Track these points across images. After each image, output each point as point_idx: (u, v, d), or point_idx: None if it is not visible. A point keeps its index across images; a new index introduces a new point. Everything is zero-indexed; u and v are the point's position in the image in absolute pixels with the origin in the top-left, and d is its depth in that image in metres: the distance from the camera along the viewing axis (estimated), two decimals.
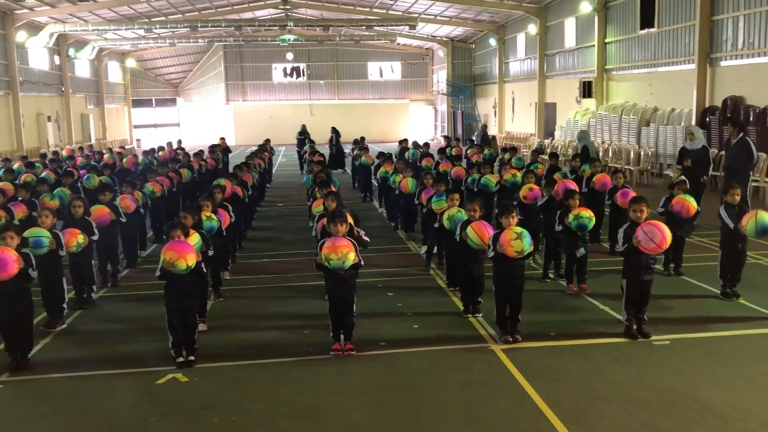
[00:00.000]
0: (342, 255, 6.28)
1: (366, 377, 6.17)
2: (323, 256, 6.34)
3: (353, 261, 6.38)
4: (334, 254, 6.28)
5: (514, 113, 36.04)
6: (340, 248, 6.29)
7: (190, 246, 6.42)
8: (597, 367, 6.22)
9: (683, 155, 12.41)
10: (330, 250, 6.30)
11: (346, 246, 6.34)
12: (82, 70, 38.09)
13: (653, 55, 22.88)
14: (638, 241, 6.55)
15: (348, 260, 6.32)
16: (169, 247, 6.29)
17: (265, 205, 17.92)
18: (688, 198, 8.82)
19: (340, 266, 6.34)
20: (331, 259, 6.31)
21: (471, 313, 7.78)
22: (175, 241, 6.41)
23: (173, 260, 6.19)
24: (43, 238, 7.18)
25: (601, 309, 7.97)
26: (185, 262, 6.21)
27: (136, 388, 6.04)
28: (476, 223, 7.38)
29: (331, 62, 48.16)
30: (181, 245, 6.32)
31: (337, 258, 6.28)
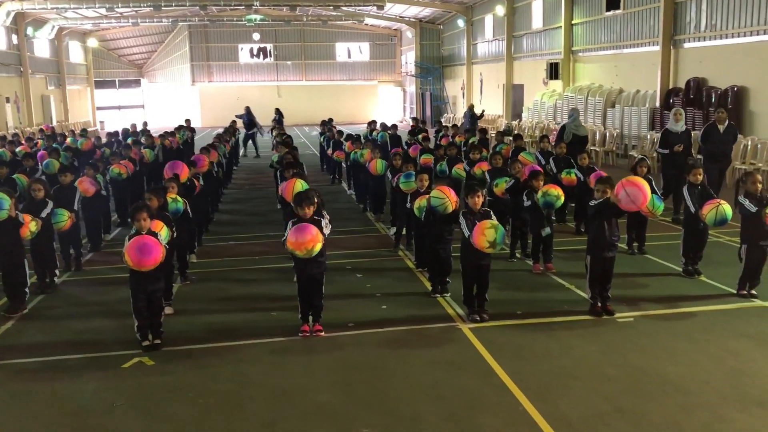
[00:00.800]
0: (308, 251, 6.22)
1: (334, 358, 6.17)
2: (289, 249, 6.28)
3: (319, 249, 6.32)
4: (299, 251, 6.22)
5: (482, 95, 36.13)
6: (304, 245, 6.16)
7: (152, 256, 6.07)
8: (562, 345, 6.32)
9: (667, 138, 11.88)
10: (295, 246, 6.21)
11: (311, 240, 6.18)
12: (42, 50, 37.08)
13: (619, 37, 23.10)
14: (618, 200, 6.59)
15: (315, 251, 6.27)
16: (131, 253, 6.01)
17: (232, 187, 17.74)
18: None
19: (307, 257, 6.31)
20: (296, 254, 6.28)
21: (439, 293, 7.82)
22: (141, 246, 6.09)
23: (130, 266, 6.08)
24: (2, 200, 6.98)
25: (567, 287, 8.08)
26: (142, 270, 6.10)
27: (101, 373, 5.96)
28: (438, 186, 7.46)
29: (298, 43, 47.65)
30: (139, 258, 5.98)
31: (302, 254, 6.24)
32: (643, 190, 6.50)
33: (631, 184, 6.52)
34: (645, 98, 21.14)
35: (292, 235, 6.22)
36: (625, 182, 6.56)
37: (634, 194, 6.49)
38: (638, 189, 6.50)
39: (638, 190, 6.49)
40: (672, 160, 11.66)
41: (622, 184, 6.55)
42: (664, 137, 12.00)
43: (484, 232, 6.50)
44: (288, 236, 6.26)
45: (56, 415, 5.22)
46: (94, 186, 10.16)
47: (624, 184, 6.55)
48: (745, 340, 6.31)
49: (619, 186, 6.57)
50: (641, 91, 21.57)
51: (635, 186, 6.51)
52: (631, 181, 6.58)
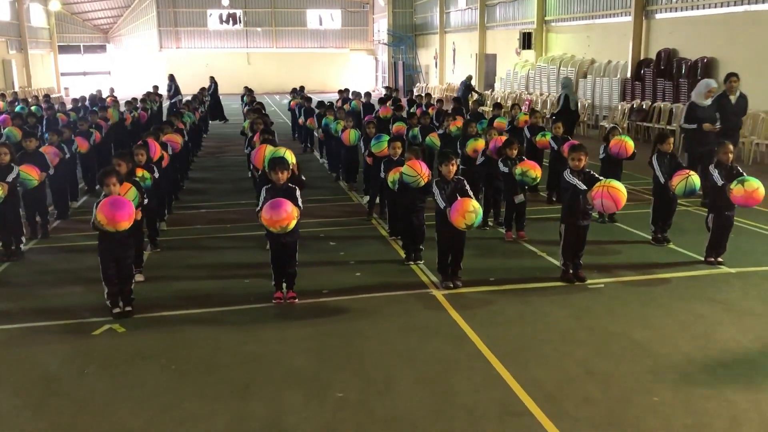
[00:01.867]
0: (282, 228, 6.11)
1: (308, 324, 6.16)
2: (264, 224, 6.20)
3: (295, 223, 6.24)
4: (273, 228, 6.12)
5: (455, 64, 35.99)
6: (279, 222, 6.05)
7: (125, 213, 5.96)
8: (534, 310, 6.39)
9: (695, 113, 10.50)
10: (269, 224, 6.10)
11: (286, 218, 6.07)
12: (1, 12, 35.83)
13: (591, 7, 23.10)
14: (592, 206, 6.65)
15: (290, 227, 6.17)
16: (104, 210, 5.91)
17: (201, 155, 17.49)
18: (625, 138, 9.09)
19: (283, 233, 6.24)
20: (271, 230, 6.18)
21: (413, 261, 7.83)
22: (111, 200, 6.01)
23: (102, 224, 5.94)
24: None
25: (539, 255, 8.15)
26: (114, 229, 5.95)
27: (70, 340, 5.87)
28: (410, 161, 7.41)
29: (268, 9, 46.80)
30: (113, 213, 5.89)
31: (277, 231, 6.15)
32: (618, 204, 6.54)
33: (609, 197, 6.47)
34: (617, 69, 21.25)
35: (267, 212, 6.12)
36: (605, 193, 6.50)
37: (608, 207, 6.59)
38: (613, 203, 6.50)
39: (612, 204, 6.52)
40: (699, 137, 10.32)
41: (601, 194, 6.51)
42: (690, 111, 10.66)
43: (464, 215, 6.45)
44: (263, 213, 6.17)
45: (24, 381, 5.13)
46: (58, 156, 9.90)
47: (603, 194, 6.50)
48: (712, 304, 6.45)
49: (598, 193, 6.53)
50: (613, 62, 21.67)
51: (612, 200, 6.48)
52: (611, 193, 6.48)
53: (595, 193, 6.58)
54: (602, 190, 6.55)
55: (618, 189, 6.55)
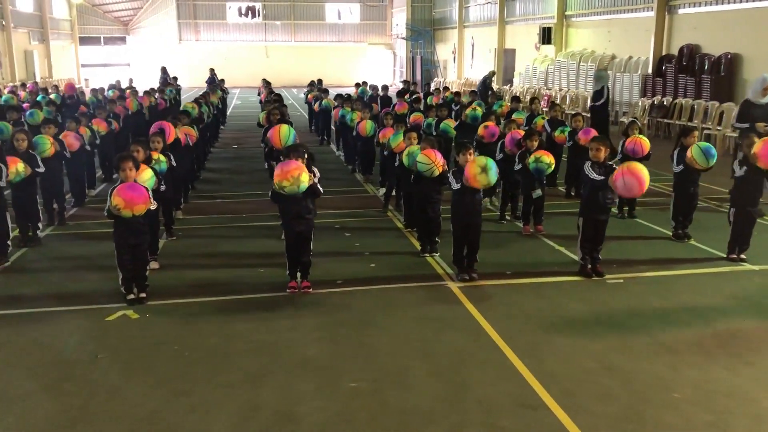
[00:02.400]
0: (294, 179, 6.04)
1: (322, 314, 6.11)
2: (276, 184, 6.16)
3: (308, 182, 6.16)
4: (286, 180, 6.04)
5: (473, 59, 35.76)
6: (290, 172, 6.02)
7: (141, 195, 5.97)
8: (552, 304, 6.29)
9: (749, 112, 10.15)
10: (281, 177, 6.05)
11: (296, 168, 6.06)
12: (24, 3, 36.10)
13: (613, 2, 22.81)
14: (615, 186, 6.51)
15: (302, 182, 6.09)
16: (119, 193, 5.91)
17: (219, 147, 17.51)
18: (641, 137, 8.91)
19: (295, 191, 6.14)
20: (284, 186, 6.09)
21: (428, 253, 7.76)
22: (127, 185, 6.03)
23: (120, 207, 5.91)
24: None
25: (557, 249, 8.04)
26: (131, 212, 5.94)
27: (84, 325, 5.87)
28: (425, 150, 7.34)
29: (287, 2, 46.76)
30: (130, 194, 5.90)
31: (290, 183, 6.05)
32: (641, 181, 6.34)
33: (631, 174, 6.32)
34: (637, 65, 20.97)
35: (278, 168, 6.11)
36: (625, 171, 6.36)
37: (631, 184, 6.37)
38: (636, 180, 6.33)
39: (636, 181, 6.34)
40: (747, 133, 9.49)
41: (622, 172, 6.38)
42: (744, 110, 10.33)
43: (477, 179, 6.46)
44: (275, 172, 6.14)
45: (38, 364, 5.13)
46: (78, 140, 9.95)
47: (624, 172, 6.37)
48: (734, 302, 6.31)
49: (619, 173, 6.41)
50: (634, 58, 21.39)
51: (634, 176, 6.33)
52: (632, 170, 6.36)
53: (615, 175, 6.46)
54: (622, 169, 6.43)
55: (638, 166, 6.44)
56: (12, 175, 7.46)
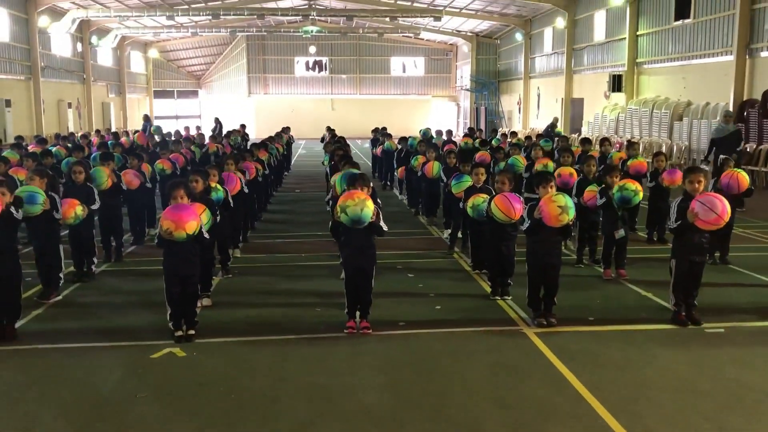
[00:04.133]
0: (359, 200, 5.62)
1: (383, 357, 5.52)
2: (339, 207, 5.71)
3: (372, 213, 5.71)
4: (351, 200, 5.63)
5: (539, 109, 35.18)
6: (356, 194, 5.68)
7: (190, 212, 5.69)
8: (644, 354, 5.51)
9: None
10: (346, 197, 5.69)
11: (362, 193, 5.73)
12: (105, 58, 37.90)
13: (688, 47, 21.98)
14: (695, 215, 5.78)
15: (367, 208, 5.66)
16: (167, 215, 5.62)
17: (282, 191, 17.37)
18: (739, 171, 8.05)
19: (358, 216, 5.66)
20: (347, 207, 5.64)
21: (500, 296, 7.10)
22: (176, 206, 5.76)
23: (170, 230, 5.56)
24: (37, 194, 6.58)
25: (644, 295, 7.24)
26: (184, 232, 5.58)
27: (127, 362, 5.45)
28: (498, 197, 6.75)
29: (353, 57, 47.59)
30: (178, 213, 5.61)
31: (354, 204, 5.62)
32: (718, 197, 5.85)
33: (705, 195, 5.95)
34: (716, 111, 19.95)
35: (343, 195, 5.74)
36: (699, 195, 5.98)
37: (710, 202, 5.76)
38: (713, 197, 5.86)
39: (714, 198, 5.83)
40: None
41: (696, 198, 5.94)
42: None
43: (551, 199, 5.89)
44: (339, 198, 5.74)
45: (72, 401, 4.71)
46: (139, 178, 9.79)
47: (698, 196, 5.95)
48: None
49: (693, 201, 5.91)
50: (711, 104, 20.39)
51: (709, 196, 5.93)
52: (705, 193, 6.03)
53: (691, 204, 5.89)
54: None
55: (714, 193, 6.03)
56: (71, 219, 7.27)
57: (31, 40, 28.01)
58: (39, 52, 28.38)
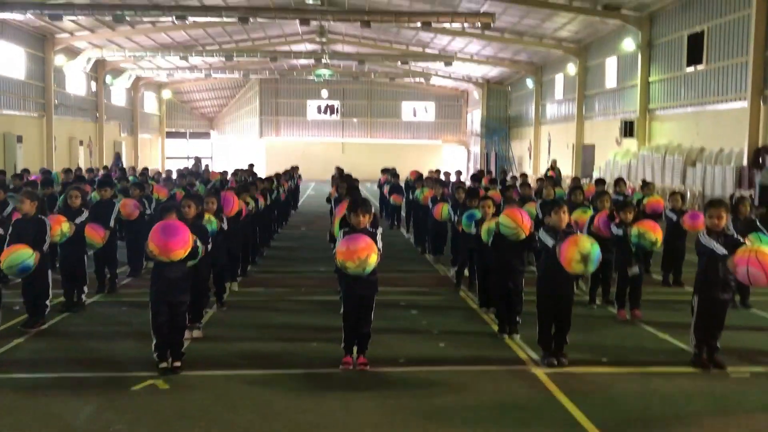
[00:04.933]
0: (361, 261, 5.25)
1: (380, 395, 5.12)
2: (339, 263, 5.37)
3: (375, 263, 5.37)
4: (351, 261, 5.26)
5: (549, 155, 35.01)
6: (357, 253, 5.25)
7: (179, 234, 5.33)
8: (664, 399, 5.08)
9: None
10: (345, 257, 5.28)
11: (364, 249, 5.28)
12: (118, 98, 38.30)
13: (700, 94, 21.80)
14: (735, 272, 5.34)
15: (369, 265, 5.31)
16: (153, 236, 5.29)
17: (288, 229, 17.10)
18: None
19: (360, 273, 5.35)
20: (347, 267, 5.31)
21: (507, 334, 6.69)
22: (162, 224, 5.43)
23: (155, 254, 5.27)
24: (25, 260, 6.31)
25: (661, 337, 6.81)
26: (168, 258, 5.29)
27: (106, 393, 5.08)
28: (507, 209, 6.47)
29: (365, 101, 47.95)
30: (165, 238, 5.26)
31: (355, 266, 5.27)
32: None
33: (758, 266, 5.14)
34: (730, 157, 19.66)
35: (344, 245, 5.31)
36: (752, 259, 5.17)
37: (756, 278, 5.20)
38: (764, 274, 5.15)
39: (763, 275, 5.15)
40: None
41: (747, 260, 5.18)
42: None
43: (577, 242, 5.42)
44: (338, 246, 5.36)
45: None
46: (138, 208, 9.53)
47: (750, 261, 5.17)
48: None
49: (743, 259, 5.22)
50: (725, 150, 20.10)
51: (762, 269, 5.14)
52: (761, 259, 5.15)
53: (738, 259, 5.27)
54: (749, 255, 5.21)
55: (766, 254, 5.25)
56: (57, 237, 7.00)
57: (46, 79, 28.35)
58: (53, 90, 28.68)
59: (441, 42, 33.96)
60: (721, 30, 20.48)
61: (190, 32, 30.88)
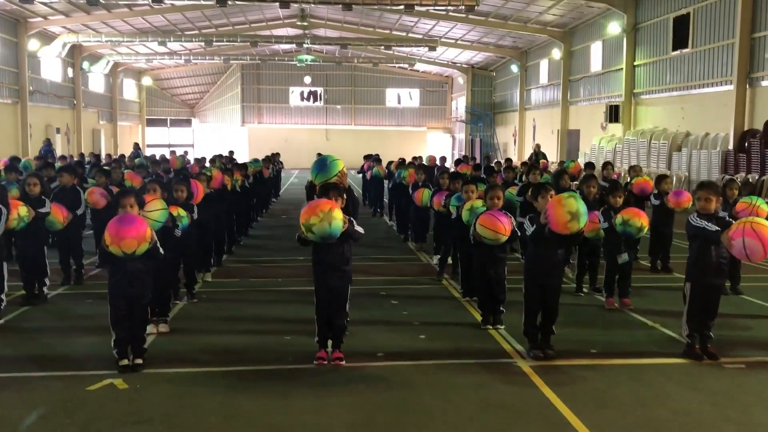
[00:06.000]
0: (324, 214, 4.87)
1: (355, 393, 4.78)
2: (303, 225, 5.00)
3: (343, 224, 5.00)
4: (315, 216, 4.88)
5: (534, 141, 34.75)
6: (320, 206, 4.90)
7: (138, 227, 4.96)
8: (656, 392, 4.79)
9: None
10: (309, 213, 4.91)
11: (326, 203, 4.96)
12: (96, 85, 37.47)
13: (686, 78, 21.59)
14: (731, 245, 5.04)
15: (335, 220, 4.91)
16: (110, 228, 4.92)
17: (268, 216, 16.69)
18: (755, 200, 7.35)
19: (327, 233, 4.94)
20: (312, 225, 4.91)
21: (491, 325, 6.38)
22: (119, 216, 5.06)
23: (107, 244, 4.87)
24: None
25: (651, 326, 6.53)
26: (120, 249, 4.89)
27: (58, 394, 4.70)
28: (483, 216, 6.10)
29: (348, 87, 47.39)
30: (119, 226, 4.91)
31: (319, 220, 4.87)
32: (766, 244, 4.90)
33: (755, 236, 4.89)
34: (716, 141, 19.47)
35: (305, 207, 5.01)
36: (748, 229, 4.93)
37: (753, 250, 4.92)
38: (761, 244, 4.89)
39: (760, 246, 4.89)
40: None
41: (743, 231, 4.92)
42: None
43: (561, 202, 5.14)
44: (301, 212, 5.02)
45: None
46: (105, 197, 9.07)
47: (746, 231, 4.92)
48: None
49: (738, 231, 4.96)
50: (711, 134, 19.91)
51: (758, 239, 4.88)
52: (757, 229, 4.92)
53: (733, 233, 4.99)
54: (744, 226, 4.96)
55: (764, 224, 4.98)
56: (14, 222, 6.57)
57: (20, 64, 27.56)
58: (28, 76, 27.91)
59: (425, 27, 33.50)
60: (707, 12, 20.24)
61: (168, 16, 30.15)
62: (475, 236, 6.17)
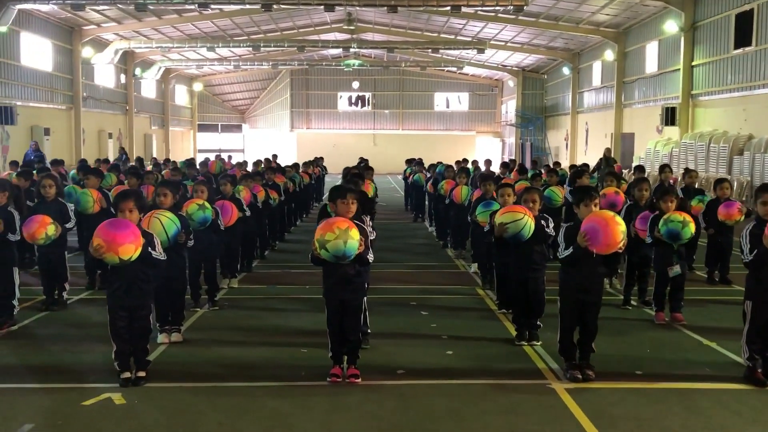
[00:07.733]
0: (340, 232, 4.54)
1: (369, 415, 4.34)
2: (317, 242, 4.63)
3: (358, 245, 4.61)
4: (330, 233, 4.56)
5: (587, 145, 33.73)
6: (337, 223, 4.59)
7: (128, 232, 4.62)
8: (709, 422, 4.20)
9: None
10: (325, 229, 4.61)
11: (343, 221, 4.65)
12: (149, 90, 38.17)
13: (749, 77, 20.40)
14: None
15: (351, 239, 4.57)
16: (100, 231, 4.59)
17: (309, 221, 16.41)
18: None
19: (341, 252, 4.60)
20: (327, 242, 4.57)
21: (526, 341, 5.84)
22: (110, 221, 4.75)
23: (101, 249, 4.54)
24: None
25: (706, 345, 5.88)
26: (116, 256, 4.55)
27: (50, 409, 4.41)
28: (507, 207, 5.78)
29: (396, 92, 47.07)
30: (113, 231, 4.58)
31: (334, 237, 4.55)
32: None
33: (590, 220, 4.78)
34: None
35: (321, 224, 4.71)
36: None
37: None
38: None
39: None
40: None
41: None
42: None
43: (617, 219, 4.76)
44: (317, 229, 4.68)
45: None
46: None
47: None
48: None
49: None
50: None
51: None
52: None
53: None
54: None
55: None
56: (41, 240, 6.41)
57: (74, 71, 28.18)
58: (81, 82, 28.52)
59: (474, 29, 32.86)
60: None
61: (217, 22, 30.43)
62: (495, 233, 5.66)
